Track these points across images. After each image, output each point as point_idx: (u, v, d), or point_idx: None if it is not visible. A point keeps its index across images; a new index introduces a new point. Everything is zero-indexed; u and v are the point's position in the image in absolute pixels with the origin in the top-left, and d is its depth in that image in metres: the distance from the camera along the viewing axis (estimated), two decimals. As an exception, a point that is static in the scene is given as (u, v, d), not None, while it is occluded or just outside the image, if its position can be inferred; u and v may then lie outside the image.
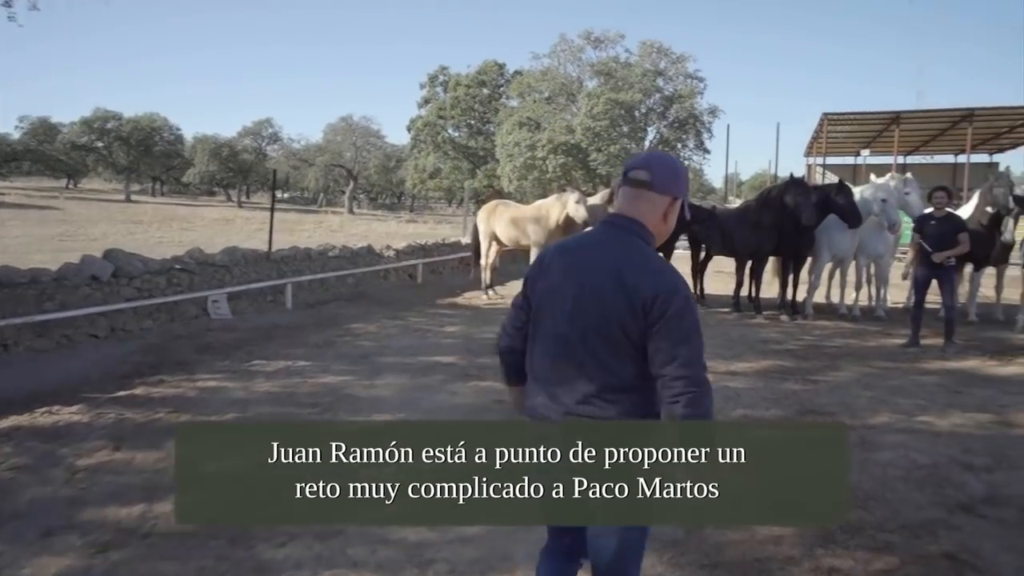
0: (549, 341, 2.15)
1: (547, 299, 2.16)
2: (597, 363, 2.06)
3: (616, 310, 2.01)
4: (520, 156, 27.05)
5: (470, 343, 8.22)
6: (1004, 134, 29.17)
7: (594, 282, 2.05)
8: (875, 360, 7.73)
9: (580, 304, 2.06)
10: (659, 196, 2.11)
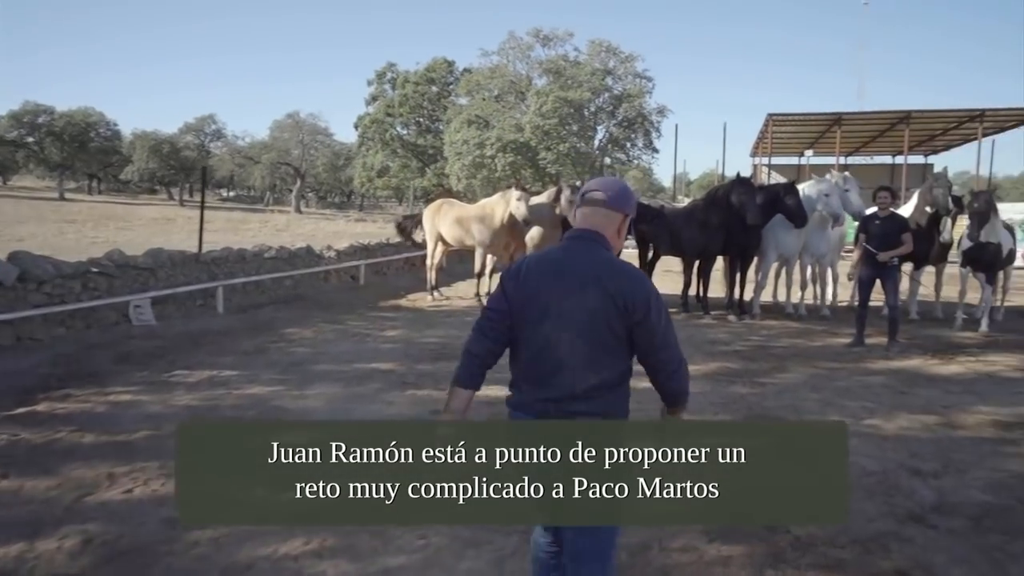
0: (536, 343, 2.30)
1: (530, 305, 2.31)
2: (582, 363, 2.25)
3: (600, 312, 2.23)
4: (468, 154, 26.71)
5: (410, 348, 7.87)
6: (938, 136, 30.18)
7: (580, 289, 2.25)
8: (822, 360, 7.67)
9: (565, 308, 2.25)
10: (614, 212, 2.39)
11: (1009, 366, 7.56)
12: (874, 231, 8.15)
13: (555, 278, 2.30)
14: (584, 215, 2.42)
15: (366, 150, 40.85)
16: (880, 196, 8.31)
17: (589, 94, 28.16)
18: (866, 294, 8.40)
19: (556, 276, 2.31)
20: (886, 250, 7.95)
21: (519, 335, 2.37)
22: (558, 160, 25.98)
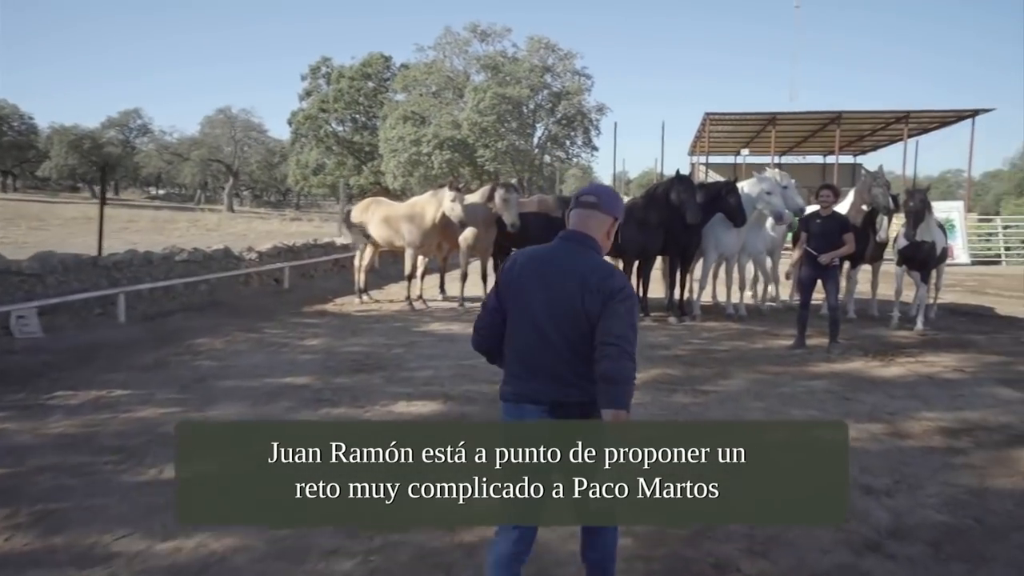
0: (530, 336, 2.45)
1: (526, 299, 2.47)
2: (573, 353, 2.39)
3: (587, 308, 2.36)
4: (404, 151, 25.97)
5: (331, 359, 7.25)
6: (867, 136, 31.05)
7: (566, 285, 2.40)
8: (764, 364, 7.40)
9: (555, 304, 2.41)
10: (605, 216, 2.55)
11: (948, 367, 7.45)
12: (815, 230, 7.95)
13: (546, 276, 2.46)
14: (578, 218, 2.56)
15: (300, 147, 39.54)
16: (822, 194, 8.12)
17: (528, 91, 27.79)
18: (807, 295, 8.20)
19: (548, 274, 2.47)
20: (828, 250, 7.76)
21: (516, 327, 2.52)
22: (496, 158, 25.51)
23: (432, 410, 5.58)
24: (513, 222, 9.65)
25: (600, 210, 2.55)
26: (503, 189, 9.74)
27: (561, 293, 2.42)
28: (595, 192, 2.64)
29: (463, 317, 9.99)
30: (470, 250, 10.54)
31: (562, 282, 2.43)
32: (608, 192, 2.69)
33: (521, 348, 2.50)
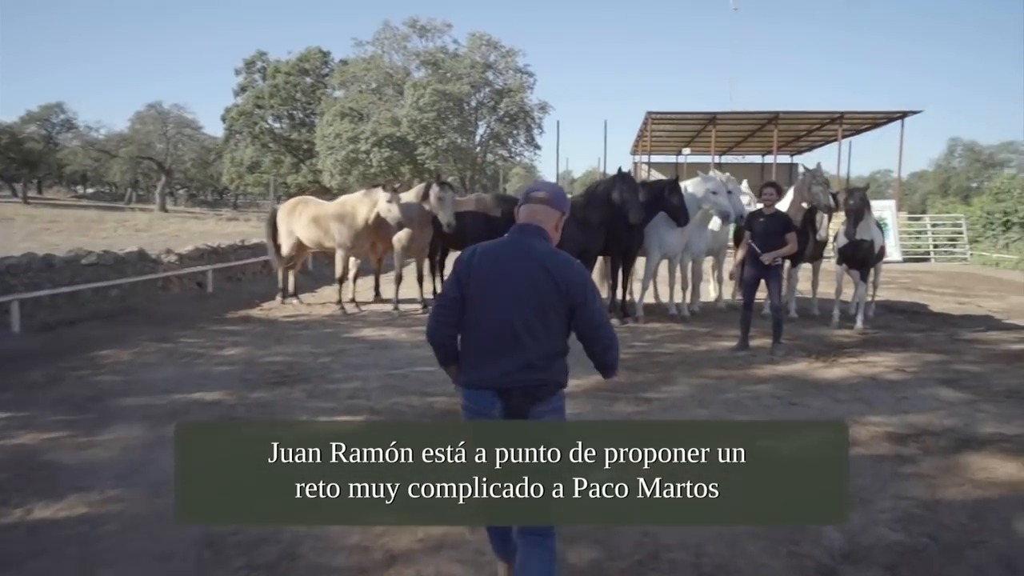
0: (491, 324, 2.56)
1: (484, 289, 2.58)
2: (532, 338, 2.54)
3: (547, 295, 2.54)
4: (342, 149, 25.17)
5: (250, 370, 6.69)
6: (803, 137, 31.68)
7: (525, 274, 2.55)
8: (708, 368, 7.17)
9: (517, 292, 2.54)
10: (554, 210, 2.72)
11: (889, 367, 7.36)
12: (758, 229, 7.78)
13: (506, 265, 2.58)
14: (529, 212, 2.71)
15: (235, 144, 38.11)
16: (766, 192, 7.96)
17: (469, 88, 27.31)
18: (751, 296, 8.03)
19: (507, 263, 2.58)
20: (771, 249, 7.60)
21: (472, 316, 2.61)
22: (437, 156, 24.97)
23: (355, 428, 5.11)
24: (449, 222, 9.22)
25: (550, 205, 2.73)
26: (438, 187, 9.30)
27: (523, 282, 2.56)
28: (544, 188, 2.81)
29: (397, 322, 9.51)
30: (405, 251, 10.06)
31: (524, 272, 2.56)
32: (556, 189, 2.86)
33: (481, 335, 2.61)
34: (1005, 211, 23.02)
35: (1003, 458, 4.75)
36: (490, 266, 2.61)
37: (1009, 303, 13.52)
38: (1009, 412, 5.84)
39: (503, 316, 2.55)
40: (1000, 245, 22.79)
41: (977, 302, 13.55)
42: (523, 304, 2.54)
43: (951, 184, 54.76)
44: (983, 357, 8.01)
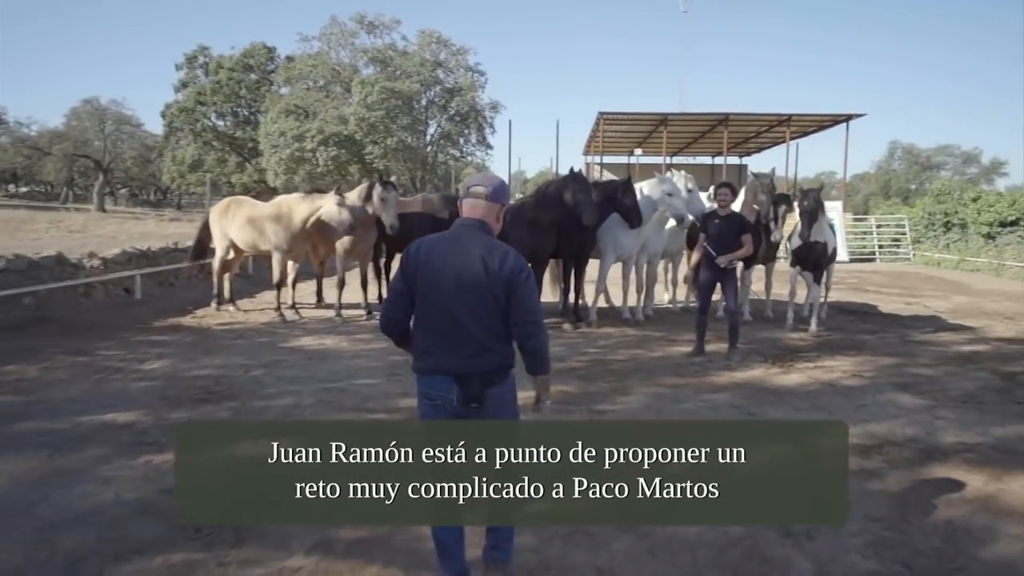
0: (441, 315, 2.71)
1: (433, 282, 2.72)
2: (481, 326, 2.70)
3: (488, 284, 2.68)
4: (287, 147, 24.29)
5: (172, 386, 6.12)
6: (752, 139, 32.07)
7: (469, 266, 2.70)
8: (663, 376, 6.89)
9: (461, 283, 2.68)
10: (494, 204, 2.86)
11: (846, 372, 7.21)
12: (713, 231, 7.55)
13: (452, 258, 2.70)
14: (470, 206, 2.83)
15: (175, 141, 36.66)
16: (720, 193, 7.72)
17: (418, 86, 26.71)
18: (706, 299, 7.80)
19: (453, 256, 2.70)
20: (727, 251, 7.38)
21: (423, 308, 2.74)
22: (386, 155, 24.31)
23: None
24: (391, 223, 8.76)
25: (488, 199, 2.84)
26: (381, 188, 8.82)
27: (466, 273, 2.68)
28: (483, 183, 2.89)
29: (339, 329, 9.00)
30: (348, 254, 9.54)
31: (466, 263, 2.69)
32: (495, 182, 2.94)
33: (431, 325, 2.73)
34: (946, 212, 23.61)
35: (968, 470, 4.57)
36: (434, 259, 2.73)
37: (954, 303, 13.72)
38: (967, 419, 5.71)
39: (450, 306, 2.69)
40: (941, 245, 23.36)
41: (923, 302, 13.71)
42: (467, 294, 2.69)
43: (892, 186, 56.42)
44: (936, 360, 7.95)
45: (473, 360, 2.70)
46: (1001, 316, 11.87)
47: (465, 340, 2.70)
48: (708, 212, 8.04)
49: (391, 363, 7.14)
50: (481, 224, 2.82)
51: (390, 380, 6.47)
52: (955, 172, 54.99)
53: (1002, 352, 8.53)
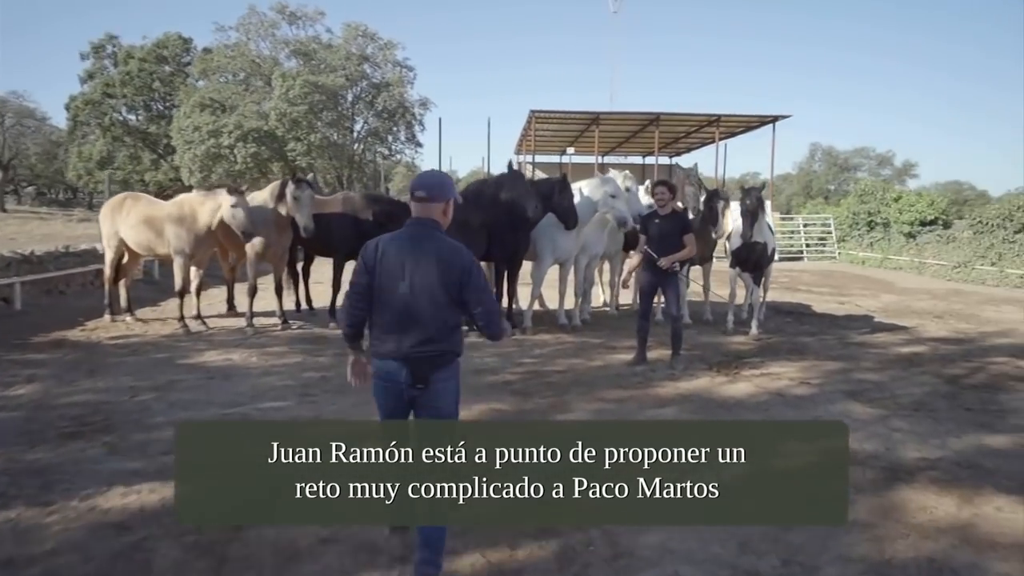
0: (395, 306, 2.96)
1: (389, 277, 2.97)
2: (430, 316, 2.94)
3: (440, 279, 2.93)
4: (201, 143, 22.81)
5: (37, 417, 5.20)
6: (682, 139, 32.29)
7: (424, 262, 2.94)
8: (605, 388, 6.37)
9: (416, 278, 2.93)
10: (436, 204, 3.06)
11: (793, 379, 6.87)
12: (654, 232, 7.10)
13: (407, 255, 2.97)
14: (416, 208, 3.07)
15: (81, 136, 34.24)
16: (657, 191, 7.27)
17: (343, 80, 25.57)
18: (647, 304, 7.35)
19: (406, 253, 2.97)
20: (668, 253, 6.93)
21: (381, 299, 3.00)
22: (310, 152, 23.12)
23: (164, 500, 3.85)
24: (306, 225, 7.97)
25: (430, 201, 3.02)
26: (295, 186, 8.02)
27: (419, 269, 2.93)
28: (424, 187, 3.06)
29: (249, 341, 8.13)
30: (260, 259, 8.66)
31: (418, 259, 2.94)
32: (433, 182, 3.10)
33: (387, 315, 2.98)
34: (869, 212, 24.22)
35: (937, 492, 4.21)
36: (391, 255, 2.97)
37: (883, 302, 13.83)
38: (922, 429, 5.42)
39: (404, 298, 2.93)
40: (865, 244, 23.94)
41: (855, 301, 13.78)
42: (420, 288, 2.92)
43: (813, 186, 58.31)
44: (879, 363, 7.74)
45: (421, 347, 2.94)
46: (930, 315, 11.95)
47: (416, 329, 2.93)
48: (648, 212, 7.60)
49: (304, 382, 6.38)
50: (429, 222, 3.02)
51: (302, 403, 5.72)
52: (871, 173, 57.30)
53: (940, 353, 8.42)
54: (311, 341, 8.24)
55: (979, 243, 18.42)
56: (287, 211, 8.15)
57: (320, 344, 8.07)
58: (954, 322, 11.22)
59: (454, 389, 3.09)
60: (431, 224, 3.02)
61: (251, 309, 8.77)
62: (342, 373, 7.04)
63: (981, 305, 13.51)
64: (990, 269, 16.97)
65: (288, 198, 8.01)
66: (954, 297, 14.83)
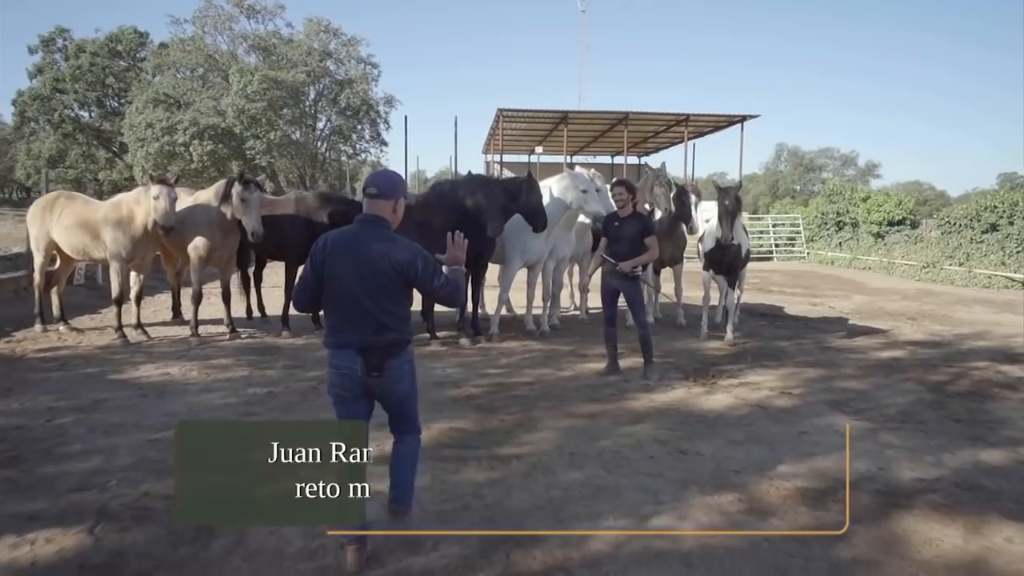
0: (346, 299, 3.09)
1: (338, 271, 3.09)
2: (379, 308, 3.08)
3: (386, 273, 3.07)
4: (155, 141, 21.83)
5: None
6: (651, 138, 32.14)
7: (371, 257, 3.07)
8: (576, 402, 5.92)
9: (364, 272, 3.07)
10: (386, 201, 3.21)
11: (774, 389, 6.50)
12: (614, 235, 6.69)
13: (354, 250, 3.09)
14: (368, 205, 3.21)
15: (30, 133, 32.81)
16: (616, 192, 6.84)
17: (304, 76, 24.73)
18: (612, 311, 6.93)
19: (355, 249, 3.10)
20: (629, 256, 6.52)
21: (332, 293, 3.12)
22: (270, 150, 22.28)
23: (62, 552, 3.28)
24: (254, 229, 7.39)
25: (381, 198, 3.19)
26: (241, 186, 7.43)
27: (367, 263, 3.07)
28: (375, 184, 3.23)
29: (192, 353, 7.52)
30: (203, 263, 8.04)
31: (365, 255, 3.08)
32: (385, 181, 3.27)
33: (338, 307, 3.13)
34: (838, 212, 24.20)
35: (940, 519, 3.83)
36: (340, 252, 3.10)
37: (855, 303, 13.65)
38: (913, 444, 5.07)
39: (353, 292, 3.06)
40: (834, 244, 23.92)
41: (827, 302, 13.58)
42: (368, 281, 3.06)
43: (779, 186, 58.80)
44: (860, 370, 7.43)
45: (374, 336, 3.08)
46: (904, 316, 11.76)
47: (367, 320, 3.07)
48: (609, 214, 7.18)
49: (248, 399, 5.82)
50: (378, 219, 3.15)
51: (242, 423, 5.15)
52: (835, 173, 57.99)
53: (920, 358, 8.15)
54: (260, 352, 7.65)
55: (947, 243, 18.40)
56: (233, 213, 7.56)
57: (270, 355, 7.48)
58: (928, 323, 11.02)
59: (409, 371, 3.23)
60: (379, 220, 3.15)
61: (195, 317, 8.15)
62: (291, 388, 6.55)
63: (952, 306, 13.39)
64: (958, 269, 16.95)
65: (234, 200, 7.42)
66: (925, 297, 14.72)
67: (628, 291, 6.77)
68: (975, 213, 17.99)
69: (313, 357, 7.28)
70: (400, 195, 3.22)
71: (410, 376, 3.23)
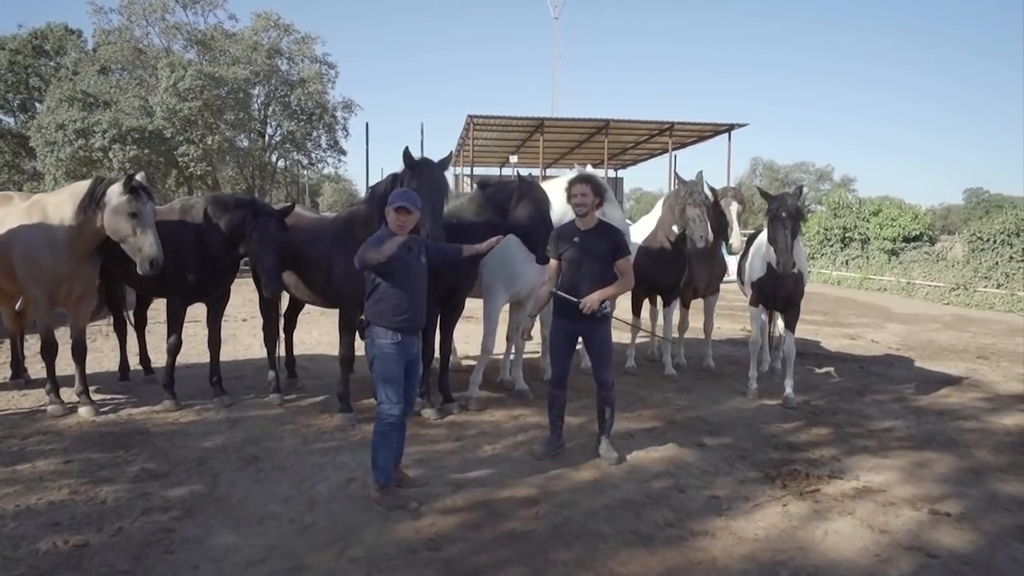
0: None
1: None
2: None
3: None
4: (67, 145, 18.89)
5: None
6: (631, 149, 30.09)
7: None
8: (614, 546, 3.49)
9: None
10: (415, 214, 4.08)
11: (915, 504, 4.16)
12: (570, 255, 4.43)
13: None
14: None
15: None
16: (576, 192, 4.62)
17: (248, 74, 21.97)
18: (566, 367, 4.73)
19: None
20: (594, 286, 4.38)
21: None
22: (207, 157, 19.49)
23: None
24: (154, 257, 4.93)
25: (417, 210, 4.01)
26: (129, 196, 4.91)
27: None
28: (403, 200, 3.94)
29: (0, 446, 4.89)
30: (48, 302, 5.42)
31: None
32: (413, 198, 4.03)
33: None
34: (844, 227, 22.16)
35: None
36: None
37: (894, 333, 11.52)
38: None
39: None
40: (839, 262, 21.88)
41: (860, 333, 11.41)
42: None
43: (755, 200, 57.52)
44: (999, 452, 5.15)
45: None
46: (968, 354, 9.59)
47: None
48: (563, 225, 4.83)
49: (40, 557, 3.24)
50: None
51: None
52: (810, 188, 56.93)
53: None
54: (112, 443, 4.98)
55: (979, 261, 16.28)
56: (103, 224, 5.02)
57: (123, 449, 4.84)
58: (1008, 365, 8.85)
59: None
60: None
61: (52, 377, 5.54)
62: (126, 534, 3.32)
63: (1011, 337, 11.30)
64: (997, 292, 14.90)
65: (111, 215, 4.90)
66: (969, 327, 12.63)
67: (592, 336, 4.57)
68: (1015, 228, 15.75)
69: (195, 451, 4.73)
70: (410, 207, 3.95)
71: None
